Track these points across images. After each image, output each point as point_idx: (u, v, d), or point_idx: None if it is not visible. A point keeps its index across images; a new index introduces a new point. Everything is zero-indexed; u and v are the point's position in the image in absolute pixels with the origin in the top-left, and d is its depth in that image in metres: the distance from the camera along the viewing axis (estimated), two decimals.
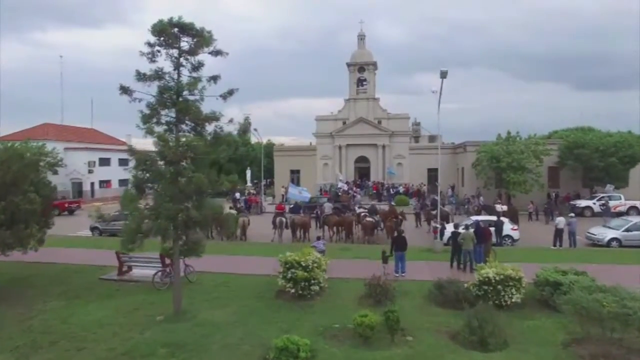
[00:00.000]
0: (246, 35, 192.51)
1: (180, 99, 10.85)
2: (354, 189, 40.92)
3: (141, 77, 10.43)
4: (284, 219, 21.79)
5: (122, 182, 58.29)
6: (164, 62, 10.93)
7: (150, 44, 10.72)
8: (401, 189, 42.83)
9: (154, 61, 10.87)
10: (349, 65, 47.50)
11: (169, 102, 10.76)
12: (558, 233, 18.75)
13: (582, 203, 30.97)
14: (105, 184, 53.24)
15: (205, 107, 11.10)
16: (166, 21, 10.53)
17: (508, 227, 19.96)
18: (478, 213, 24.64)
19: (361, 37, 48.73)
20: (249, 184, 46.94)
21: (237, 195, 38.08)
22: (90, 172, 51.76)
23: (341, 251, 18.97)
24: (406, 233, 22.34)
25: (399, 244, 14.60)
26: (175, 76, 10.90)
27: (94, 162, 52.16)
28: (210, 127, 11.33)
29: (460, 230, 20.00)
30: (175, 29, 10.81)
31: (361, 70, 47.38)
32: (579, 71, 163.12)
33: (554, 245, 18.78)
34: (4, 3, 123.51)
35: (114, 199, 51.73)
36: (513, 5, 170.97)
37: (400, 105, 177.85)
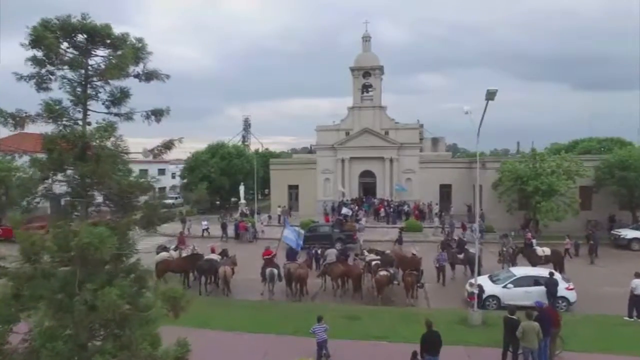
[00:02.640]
0: (248, 36, 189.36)
1: (89, 154, 6.43)
2: (357, 209, 36.49)
3: (8, 119, 6.00)
4: (275, 271, 17.34)
5: None
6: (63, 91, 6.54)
7: (36, 60, 6.30)
8: (407, 208, 38.40)
9: (44, 89, 6.47)
10: (352, 70, 43.06)
11: (69, 159, 6.33)
12: (635, 300, 14.28)
13: (628, 234, 26.45)
14: None
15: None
16: (55, 22, 6.09)
17: (563, 287, 15.51)
18: (513, 258, 20.10)
19: (366, 39, 44.29)
20: (242, 200, 42.45)
21: (205, 223, 32.50)
22: None
23: (348, 322, 14.53)
24: (426, 285, 18.18)
25: (432, 344, 10.14)
26: (79, 114, 6.49)
27: None
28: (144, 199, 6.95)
29: (502, 286, 15.66)
30: (83, 36, 6.42)
31: (366, 75, 42.95)
32: (579, 72, 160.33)
33: (630, 316, 14.32)
34: (6, 4, 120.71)
35: None
36: (514, 7, 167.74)
37: (399, 105, 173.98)
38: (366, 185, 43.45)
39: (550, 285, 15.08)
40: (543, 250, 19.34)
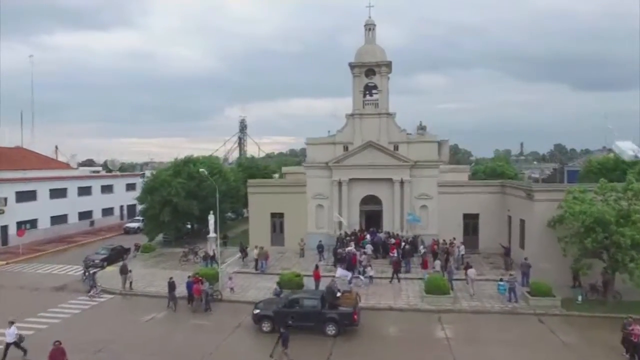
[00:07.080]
0: (249, 37, 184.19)
1: None
2: (362, 253, 27.17)
3: None
4: None
5: (56, 220, 44.64)
6: None
7: None
8: (422, 248, 28.99)
9: None
10: (352, 66, 33.73)
11: None
12: None
13: None
14: (24, 225, 39.30)
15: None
16: None
17: None
18: None
19: (369, 27, 35.02)
20: (211, 234, 32.75)
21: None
22: None
23: None
24: None
25: None
26: None
27: (5, 198, 38.33)
28: None
29: None
30: None
31: (369, 73, 33.65)
32: (578, 72, 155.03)
33: None
34: (9, 6, 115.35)
35: (37, 248, 38.15)
36: (513, 7, 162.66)
37: (397, 106, 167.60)
38: (370, 214, 34.10)
39: None
40: None
